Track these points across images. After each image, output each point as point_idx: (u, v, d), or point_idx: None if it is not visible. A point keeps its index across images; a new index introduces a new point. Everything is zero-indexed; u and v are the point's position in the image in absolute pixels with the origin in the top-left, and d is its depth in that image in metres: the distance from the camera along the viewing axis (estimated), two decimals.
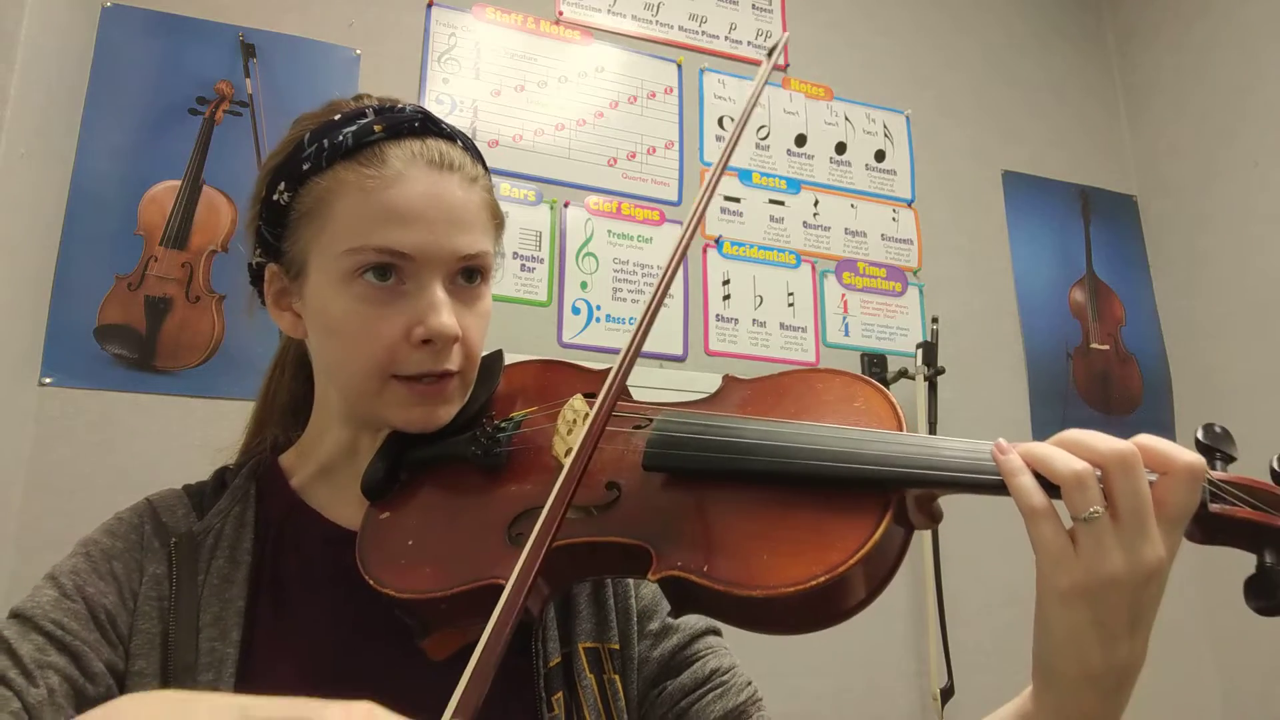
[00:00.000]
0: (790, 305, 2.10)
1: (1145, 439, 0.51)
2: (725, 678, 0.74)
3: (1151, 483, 0.50)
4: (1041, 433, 2.22)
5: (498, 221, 0.73)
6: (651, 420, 0.64)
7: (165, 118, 1.69)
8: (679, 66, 2.15)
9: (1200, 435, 0.54)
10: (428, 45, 1.93)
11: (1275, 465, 0.52)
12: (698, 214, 0.68)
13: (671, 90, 2.13)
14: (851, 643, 1.89)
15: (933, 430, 2.00)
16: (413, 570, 0.63)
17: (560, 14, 2.07)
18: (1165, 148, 2.51)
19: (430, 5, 1.95)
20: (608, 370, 0.72)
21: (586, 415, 0.64)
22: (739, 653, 0.79)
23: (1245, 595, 0.48)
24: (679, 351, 1.96)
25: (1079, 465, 0.49)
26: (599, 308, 1.93)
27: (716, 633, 0.78)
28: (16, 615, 0.62)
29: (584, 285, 1.93)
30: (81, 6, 1.64)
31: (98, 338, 1.56)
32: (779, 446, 0.57)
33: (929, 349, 2.05)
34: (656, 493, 0.60)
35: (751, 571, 0.52)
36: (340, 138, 0.67)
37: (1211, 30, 2.40)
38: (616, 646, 0.73)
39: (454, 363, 0.68)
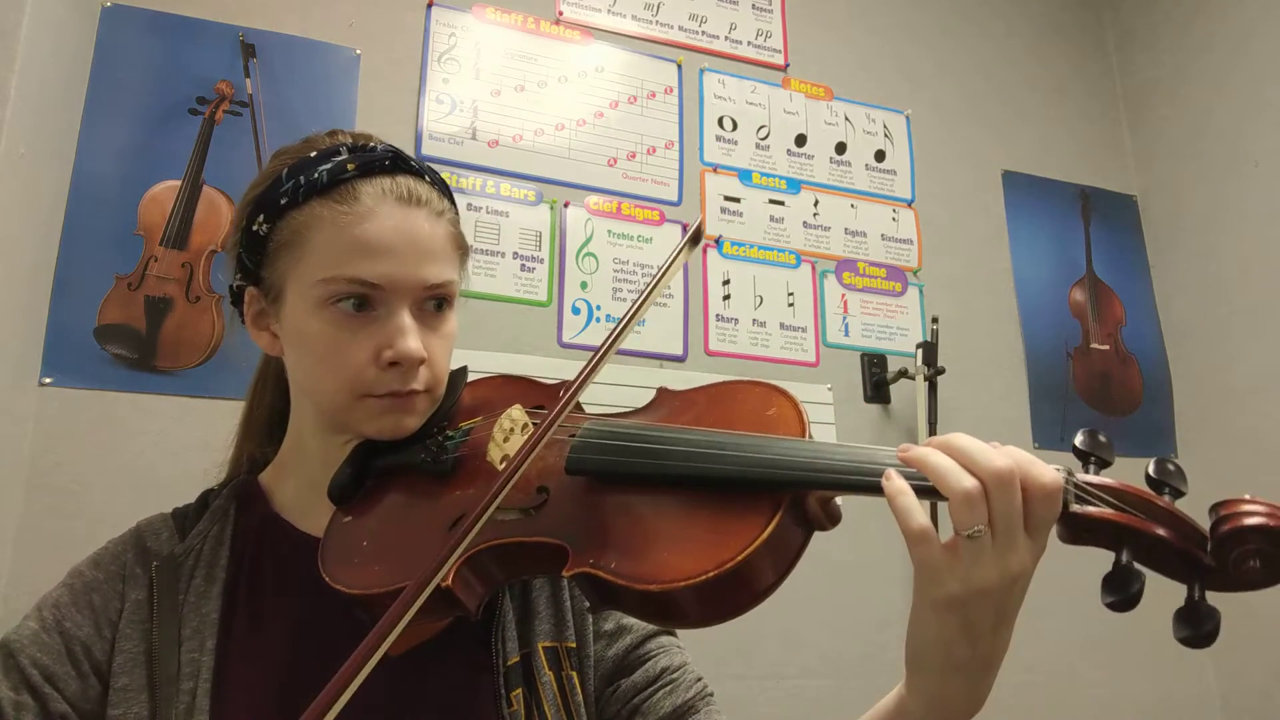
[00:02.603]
0: (790, 305, 2.10)
1: (1013, 453, 0.54)
2: (675, 675, 0.78)
3: None
4: (1042, 433, 2.23)
5: (463, 251, 0.78)
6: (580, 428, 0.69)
7: (165, 118, 1.69)
8: (679, 66, 2.15)
9: (1078, 442, 0.57)
10: (428, 45, 1.93)
11: (1151, 472, 0.54)
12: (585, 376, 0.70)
13: (671, 90, 2.13)
14: (851, 643, 1.89)
15: (933, 430, 2.00)
16: (363, 568, 0.67)
17: (560, 14, 2.07)
18: (1165, 148, 2.51)
19: (430, 5, 1.95)
20: (561, 384, 0.76)
21: (524, 425, 0.70)
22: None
23: (1101, 591, 0.51)
24: (679, 352, 1.96)
25: (969, 484, 0.52)
26: (599, 308, 1.93)
27: (669, 633, 0.82)
28: (2, 647, 0.69)
29: (584, 285, 1.93)
30: (81, 6, 1.64)
31: (98, 338, 1.56)
32: (679, 451, 0.61)
33: (929, 349, 2.05)
34: (578, 496, 0.64)
35: (651, 567, 0.56)
36: (316, 175, 0.71)
37: (1211, 30, 2.40)
38: (574, 645, 0.77)
39: (420, 383, 0.73)
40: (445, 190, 0.78)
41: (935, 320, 2.09)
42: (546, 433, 0.61)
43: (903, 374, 2.07)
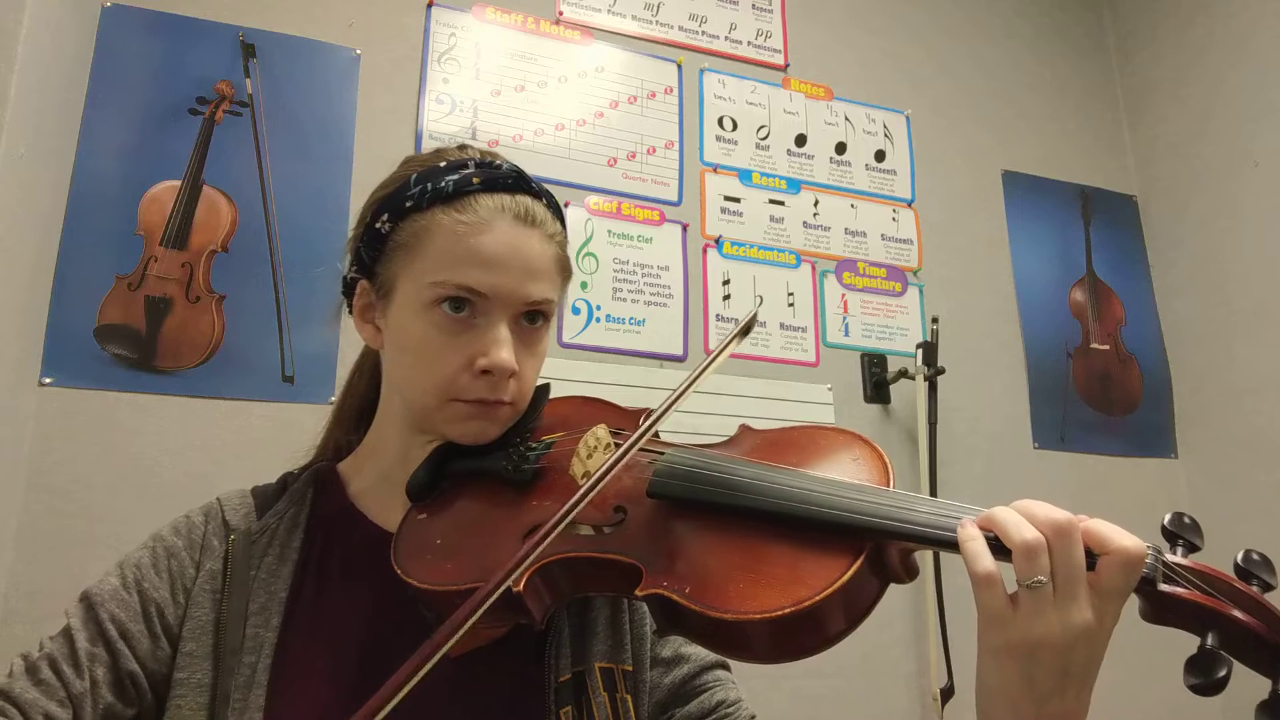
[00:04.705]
0: (790, 305, 2.10)
1: (1093, 522, 0.55)
2: (731, 710, 0.78)
3: (1095, 559, 0.53)
4: (1042, 433, 2.23)
5: (566, 274, 0.82)
6: (664, 454, 0.70)
7: (165, 118, 1.69)
8: (679, 66, 2.15)
9: (1167, 521, 0.57)
10: (428, 45, 1.93)
11: (1239, 561, 0.55)
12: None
13: (671, 90, 2.13)
14: (852, 644, 1.87)
15: (933, 430, 2.00)
16: (435, 565, 0.69)
17: (560, 14, 2.07)
18: (1165, 148, 2.51)
19: (430, 5, 1.95)
20: (640, 411, 0.80)
21: (608, 444, 0.72)
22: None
23: (1185, 672, 0.51)
24: (679, 352, 1.96)
25: (1030, 535, 0.53)
26: (599, 308, 1.93)
27: (725, 667, 0.82)
28: (84, 598, 0.72)
29: (584, 285, 1.93)
30: (81, 6, 1.64)
31: (98, 338, 1.56)
32: (766, 487, 0.62)
33: (929, 349, 2.05)
34: (657, 519, 0.66)
35: (727, 597, 0.56)
36: (442, 183, 0.76)
37: (1211, 30, 2.40)
38: (630, 668, 0.77)
39: (508, 394, 0.76)
40: (559, 214, 0.82)
41: (935, 320, 2.09)
42: (635, 446, 0.63)
43: (903, 374, 2.07)
